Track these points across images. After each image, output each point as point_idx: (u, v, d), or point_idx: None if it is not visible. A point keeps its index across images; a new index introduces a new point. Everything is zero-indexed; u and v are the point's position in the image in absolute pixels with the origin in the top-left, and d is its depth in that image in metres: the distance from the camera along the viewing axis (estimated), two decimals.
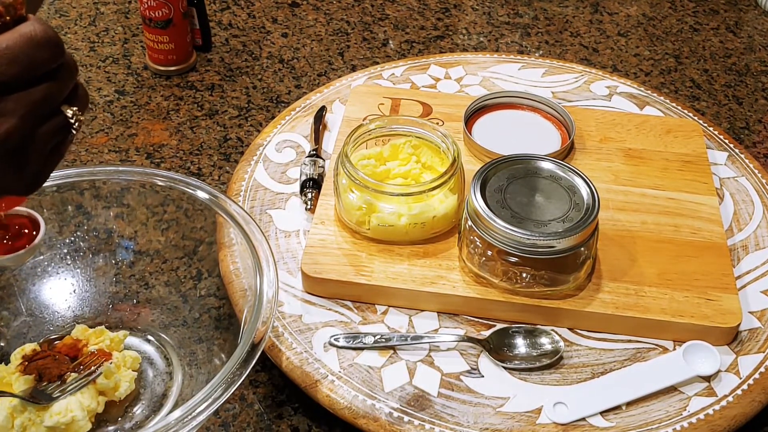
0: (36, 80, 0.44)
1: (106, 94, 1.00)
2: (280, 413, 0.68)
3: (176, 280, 0.74)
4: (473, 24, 1.16)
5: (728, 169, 0.88)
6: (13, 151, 0.44)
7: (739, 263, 0.77)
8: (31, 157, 0.46)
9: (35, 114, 0.45)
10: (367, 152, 0.80)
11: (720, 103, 1.03)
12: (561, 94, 0.97)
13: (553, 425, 0.64)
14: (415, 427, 0.63)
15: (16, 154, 0.45)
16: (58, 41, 0.44)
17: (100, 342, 0.68)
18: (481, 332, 0.71)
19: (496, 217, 0.68)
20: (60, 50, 0.45)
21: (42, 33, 0.43)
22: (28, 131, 0.45)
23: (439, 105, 0.91)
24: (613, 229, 0.78)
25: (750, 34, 1.17)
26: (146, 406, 0.66)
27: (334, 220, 0.77)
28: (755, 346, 0.71)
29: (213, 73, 1.04)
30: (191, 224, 0.73)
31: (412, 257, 0.74)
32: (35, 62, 0.43)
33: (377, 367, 0.68)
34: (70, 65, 0.46)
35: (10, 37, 0.43)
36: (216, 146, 0.93)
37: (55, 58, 0.44)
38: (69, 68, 0.46)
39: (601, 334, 0.71)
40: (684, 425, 0.65)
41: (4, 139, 0.44)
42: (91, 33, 1.10)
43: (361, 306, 0.72)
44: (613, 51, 1.12)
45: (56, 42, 0.44)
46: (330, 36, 1.12)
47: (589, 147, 0.87)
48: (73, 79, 0.47)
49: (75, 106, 0.48)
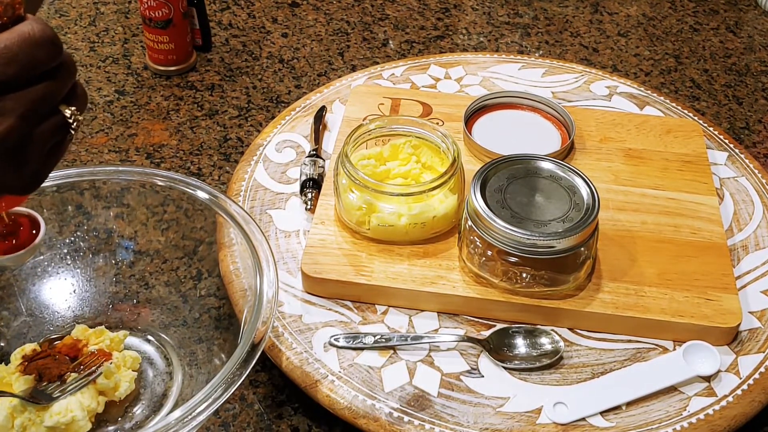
0: (35, 79, 0.44)
1: (106, 94, 1.00)
2: (280, 413, 0.68)
3: (176, 280, 0.74)
4: (473, 24, 1.16)
5: (728, 169, 0.88)
6: (11, 150, 0.45)
7: (739, 263, 0.77)
8: (30, 157, 0.46)
9: (34, 113, 0.45)
10: (367, 152, 0.80)
11: (720, 103, 1.03)
12: (561, 94, 0.97)
13: (553, 425, 0.64)
14: (415, 427, 0.63)
15: (15, 153, 0.45)
16: (56, 40, 0.44)
17: (100, 342, 0.68)
18: (481, 332, 0.71)
19: (496, 217, 0.68)
20: (58, 49, 0.45)
21: (40, 32, 0.43)
22: (26, 130, 0.45)
23: (439, 105, 0.91)
24: (613, 229, 0.78)
25: (750, 34, 1.17)
26: (146, 406, 0.66)
27: (334, 220, 0.77)
28: (755, 346, 0.71)
29: (213, 73, 1.04)
30: (191, 224, 0.73)
31: (412, 257, 0.74)
32: (34, 61, 0.44)
33: (377, 367, 0.68)
34: (69, 65, 0.46)
35: (8, 37, 0.43)
36: (216, 146, 0.93)
37: (54, 58, 0.45)
38: (68, 67, 0.46)
39: (601, 334, 0.71)
40: (684, 425, 0.65)
41: (2, 138, 0.44)
42: (91, 33, 1.10)
43: (361, 306, 0.73)
44: (613, 51, 1.12)
45: (54, 41, 0.44)
46: (330, 36, 1.12)
47: (589, 147, 0.87)
48: (72, 78, 0.47)
49: (74, 105, 0.48)
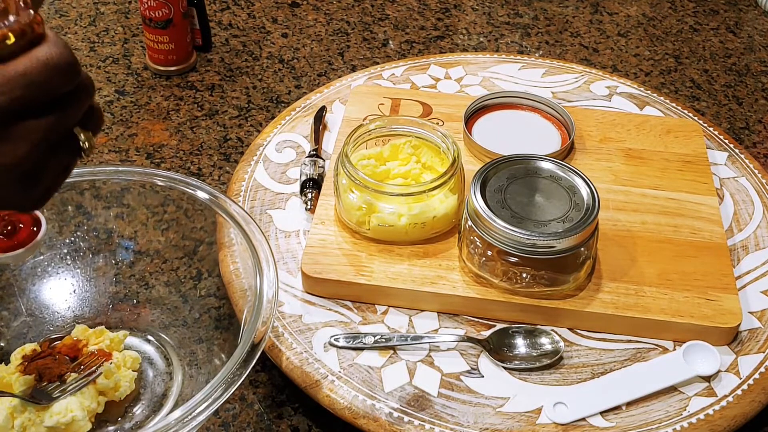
0: (51, 103, 0.44)
1: (106, 94, 1.00)
2: (280, 413, 0.68)
3: (176, 280, 0.74)
4: (473, 24, 1.16)
5: (728, 169, 0.88)
6: (24, 175, 0.44)
7: (739, 263, 0.77)
8: (42, 180, 0.45)
9: (48, 139, 0.44)
10: (367, 152, 0.80)
11: (720, 103, 1.03)
12: (561, 94, 0.97)
13: (553, 425, 0.64)
14: (415, 427, 0.63)
15: (27, 177, 0.44)
16: (75, 65, 0.43)
17: (100, 342, 0.68)
18: (481, 332, 0.71)
19: (496, 217, 0.68)
20: (76, 73, 0.44)
21: (58, 57, 0.43)
22: (40, 156, 0.44)
23: (439, 105, 0.91)
24: (613, 229, 0.78)
25: (750, 34, 1.17)
26: (146, 406, 0.66)
27: (334, 220, 0.77)
28: (755, 346, 0.71)
29: (213, 73, 1.04)
30: (191, 224, 0.73)
31: (412, 257, 0.74)
32: (51, 86, 0.43)
33: (377, 367, 0.68)
34: (87, 86, 0.45)
35: (26, 63, 0.42)
36: (216, 146, 0.93)
37: (72, 81, 0.44)
38: (86, 89, 0.45)
39: (601, 334, 0.71)
40: (684, 425, 0.65)
41: (17, 164, 0.43)
42: (91, 33, 1.10)
43: (361, 306, 0.72)
44: (613, 51, 1.12)
45: (73, 66, 0.43)
46: (330, 36, 1.12)
47: (589, 147, 0.87)
48: (90, 99, 0.46)
49: (89, 128, 0.47)
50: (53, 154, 0.45)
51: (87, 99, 0.46)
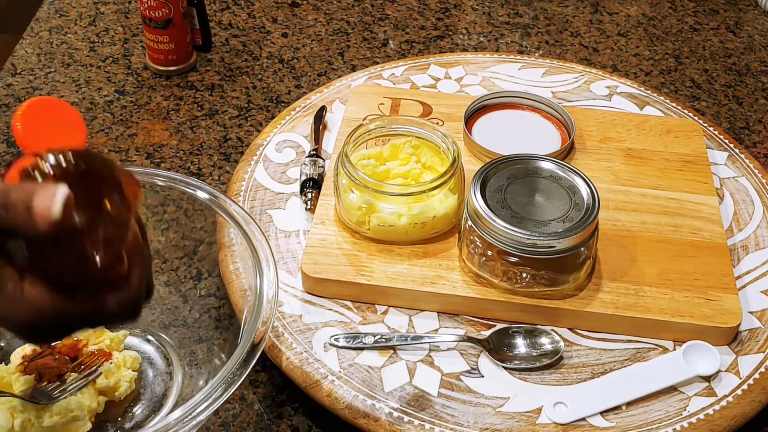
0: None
1: (106, 94, 1.00)
2: (280, 413, 0.68)
3: (176, 280, 0.74)
4: (473, 24, 1.16)
5: (728, 169, 0.88)
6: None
7: (739, 263, 0.77)
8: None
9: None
10: (367, 152, 0.80)
11: (720, 103, 1.03)
12: (561, 94, 0.97)
13: (553, 425, 0.64)
14: (415, 427, 0.63)
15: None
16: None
17: (100, 342, 0.68)
18: (481, 332, 0.71)
19: (496, 217, 0.68)
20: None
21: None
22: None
23: (439, 105, 0.91)
24: (613, 229, 0.78)
25: (750, 34, 1.17)
26: (146, 406, 0.66)
27: (334, 220, 0.77)
28: (755, 346, 0.71)
29: (213, 73, 1.04)
30: (191, 224, 0.73)
31: (412, 257, 0.74)
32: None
33: (377, 367, 0.68)
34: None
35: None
36: (216, 146, 0.93)
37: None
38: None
39: (601, 334, 0.71)
40: (684, 425, 0.65)
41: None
42: (91, 33, 1.10)
43: (361, 306, 0.72)
44: (613, 51, 1.12)
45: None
46: (330, 36, 1.12)
47: (589, 147, 0.87)
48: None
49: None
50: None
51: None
